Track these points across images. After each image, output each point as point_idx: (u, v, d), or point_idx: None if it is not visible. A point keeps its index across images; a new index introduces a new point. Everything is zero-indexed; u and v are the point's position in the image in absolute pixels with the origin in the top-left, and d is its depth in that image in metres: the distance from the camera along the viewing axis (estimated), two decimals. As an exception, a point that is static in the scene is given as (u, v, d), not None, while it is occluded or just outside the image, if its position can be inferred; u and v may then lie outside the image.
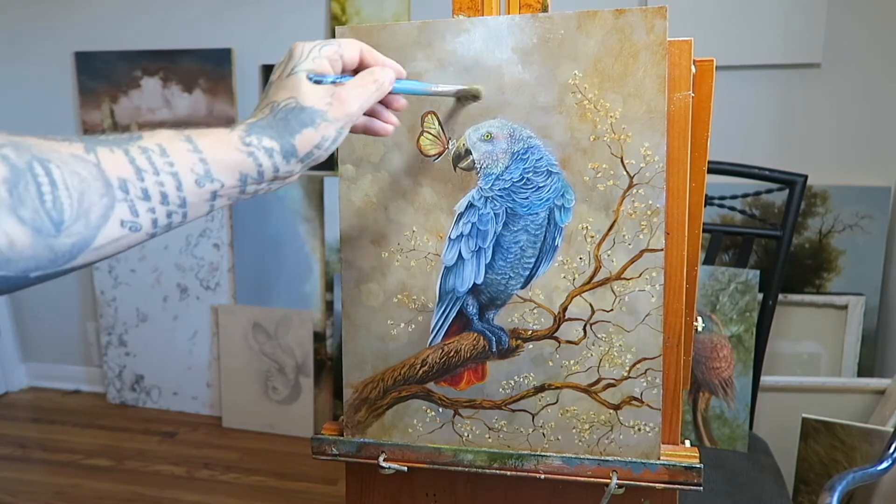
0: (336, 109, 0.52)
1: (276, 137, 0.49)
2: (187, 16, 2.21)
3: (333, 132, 0.52)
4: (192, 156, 0.44)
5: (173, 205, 0.44)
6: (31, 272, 0.38)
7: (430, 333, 0.74)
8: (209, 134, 0.46)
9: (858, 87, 1.77)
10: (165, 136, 0.44)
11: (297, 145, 0.50)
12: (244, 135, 0.48)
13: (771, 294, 1.38)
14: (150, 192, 0.42)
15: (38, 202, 0.37)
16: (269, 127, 0.49)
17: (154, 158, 0.43)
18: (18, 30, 2.38)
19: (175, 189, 0.43)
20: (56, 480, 2.02)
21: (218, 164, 0.46)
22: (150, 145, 0.43)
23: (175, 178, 0.43)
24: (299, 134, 0.50)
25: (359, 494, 0.82)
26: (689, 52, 0.66)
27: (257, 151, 0.48)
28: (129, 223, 0.41)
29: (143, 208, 0.42)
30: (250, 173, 0.48)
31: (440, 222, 0.72)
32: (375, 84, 0.56)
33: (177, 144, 0.44)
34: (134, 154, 0.42)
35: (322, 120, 0.51)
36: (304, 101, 0.51)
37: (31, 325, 2.66)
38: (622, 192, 0.67)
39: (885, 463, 1.06)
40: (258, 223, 2.24)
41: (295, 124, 0.50)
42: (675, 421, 0.73)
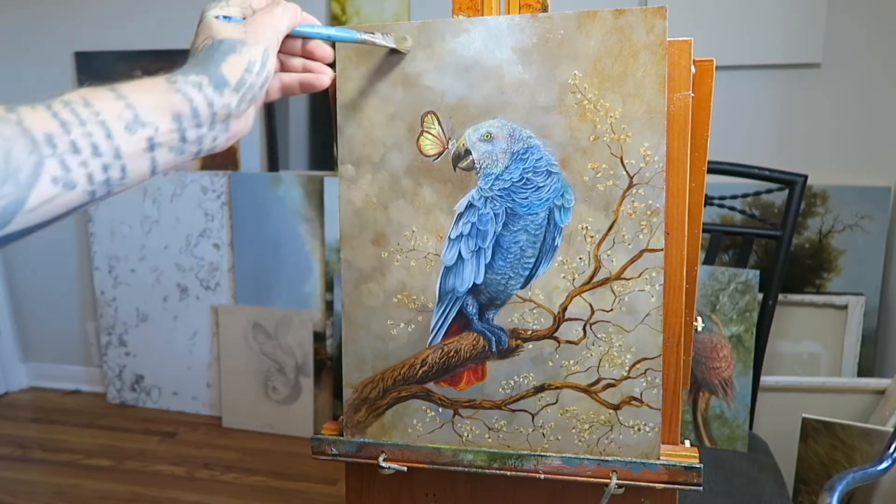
0: (252, 33, 0.52)
1: (201, 72, 0.48)
2: (187, 16, 2.21)
3: (259, 54, 0.52)
4: (118, 102, 0.43)
5: (107, 156, 0.42)
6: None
7: (429, 333, 0.74)
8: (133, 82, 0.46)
9: (858, 87, 1.77)
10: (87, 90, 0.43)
11: (226, 73, 0.49)
12: (170, 76, 0.47)
13: (771, 294, 1.38)
14: (79, 145, 0.41)
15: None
16: (193, 66, 0.49)
17: (78, 109, 0.41)
18: (18, 30, 2.38)
19: (105, 138, 0.42)
20: (56, 480, 2.02)
21: (146, 105, 0.44)
22: (72, 98, 0.42)
23: (103, 127, 0.42)
24: (224, 62, 0.50)
25: (359, 494, 0.82)
26: (688, 52, 0.66)
27: (185, 86, 0.47)
28: (61, 180, 0.40)
29: (74, 162, 0.40)
30: (183, 111, 0.46)
31: (440, 222, 0.72)
32: (280, 7, 0.55)
33: (100, 94, 0.43)
34: (56, 108, 0.41)
35: (242, 45, 0.51)
36: (217, 35, 0.51)
37: (31, 325, 2.66)
38: (622, 192, 0.67)
39: (885, 463, 1.06)
40: (258, 223, 2.24)
41: (217, 56, 0.50)
42: (675, 421, 0.73)
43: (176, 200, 2.32)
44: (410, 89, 0.71)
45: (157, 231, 2.35)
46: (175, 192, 2.31)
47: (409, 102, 0.71)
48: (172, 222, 2.34)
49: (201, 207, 2.30)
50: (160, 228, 2.35)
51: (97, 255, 2.42)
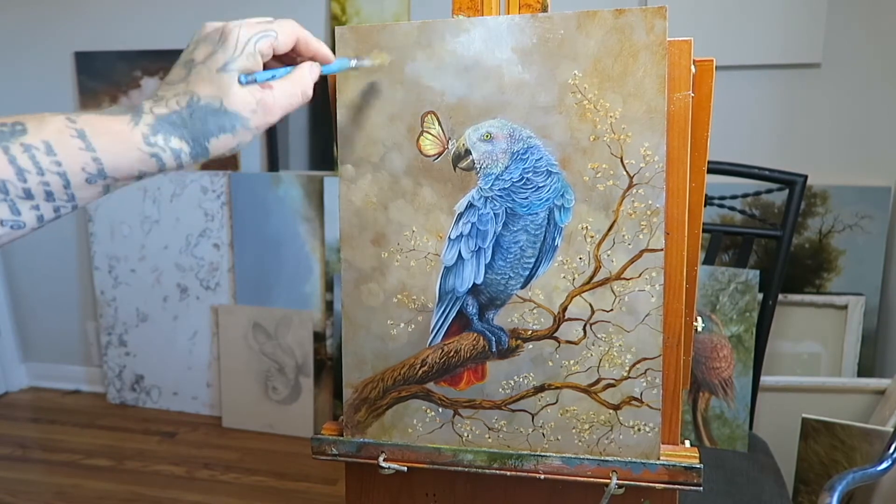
0: (259, 118, 0.50)
1: (187, 138, 0.46)
2: (187, 16, 2.21)
3: (249, 138, 0.51)
4: (84, 154, 0.42)
5: (60, 201, 0.42)
6: None
7: (429, 333, 0.74)
8: (107, 129, 0.43)
9: (858, 87, 1.77)
10: (53, 128, 0.41)
11: (211, 148, 0.48)
12: (149, 132, 0.44)
13: (771, 294, 1.38)
14: (34, 192, 0.40)
15: None
16: (182, 125, 0.46)
17: (38, 157, 0.40)
18: (18, 30, 2.38)
19: (62, 188, 0.41)
20: (56, 480, 2.02)
21: (114, 164, 0.43)
22: (34, 142, 0.40)
23: (62, 178, 0.41)
24: (216, 138, 0.48)
25: (359, 494, 0.82)
26: (688, 52, 0.66)
27: (162, 153, 0.45)
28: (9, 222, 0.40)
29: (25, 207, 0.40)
30: (149, 170, 0.45)
31: (440, 222, 0.72)
32: (303, 96, 0.55)
33: (66, 141, 0.41)
34: (14, 152, 0.40)
35: (243, 127, 0.49)
36: (228, 104, 0.48)
37: (31, 325, 2.66)
38: (622, 192, 0.67)
39: (885, 463, 1.06)
40: (258, 223, 2.24)
41: (213, 127, 0.48)
42: (675, 421, 0.73)
43: (176, 200, 2.32)
44: (410, 89, 0.71)
45: (157, 231, 2.35)
46: (175, 192, 2.31)
47: (409, 102, 0.71)
48: (172, 222, 2.34)
49: (201, 207, 2.30)
50: (160, 228, 2.35)
51: (97, 255, 2.42)
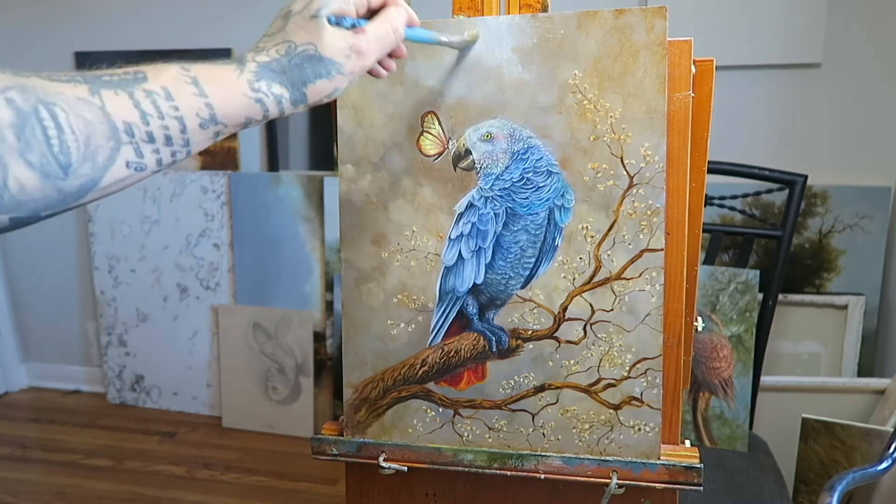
0: (353, 63, 0.52)
1: (287, 85, 0.49)
2: (187, 16, 2.21)
3: (346, 83, 0.52)
4: (198, 100, 0.44)
5: (177, 145, 0.44)
6: (41, 212, 0.39)
7: (430, 333, 0.74)
8: (216, 76, 0.46)
9: (858, 87, 1.77)
10: (171, 76, 0.44)
11: (309, 94, 0.50)
12: (254, 79, 0.47)
13: (771, 294, 1.38)
14: (155, 136, 0.42)
15: (46, 147, 0.38)
16: (282, 72, 0.49)
17: (159, 102, 0.43)
18: (18, 30, 2.38)
19: (179, 132, 0.44)
20: (56, 480, 2.02)
21: (224, 109, 0.46)
22: (154, 88, 0.43)
23: (180, 122, 0.43)
24: (312, 84, 0.50)
25: (359, 494, 0.82)
26: (689, 52, 0.66)
27: (266, 98, 0.48)
28: (134, 164, 0.42)
29: (147, 150, 0.42)
30: (255, 117, 0.48)
31: (440, 222, 0.72)
32: (394, 35, 0.55)
33: (182, 87, 0.44)
34: (139, 98, 0.42)
35: (338, 72, 0.51)
36: (323, 49, 0.50)
37: (31, 325, 2.66)
38: (622, 192, 0.67)
39: (885, 463, 1.06)
40: (258, 223, 2.24)
41: (310, 73, 0.50)
42: (675, 421, 0.73)
43: (176, 200, 2.32)
44: (410, 89, 0.71)
45: (157, 231, 2.35)
46: (175, 192, 2.31)
47: (409, 102, 0.71)
48: (172, 222, 2.33)
49: (201, 207, 2.30)
50: (160, 228, 2.35)
51: (97, 255, 2.42)
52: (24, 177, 0.37)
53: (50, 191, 0.38)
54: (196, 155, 2.28)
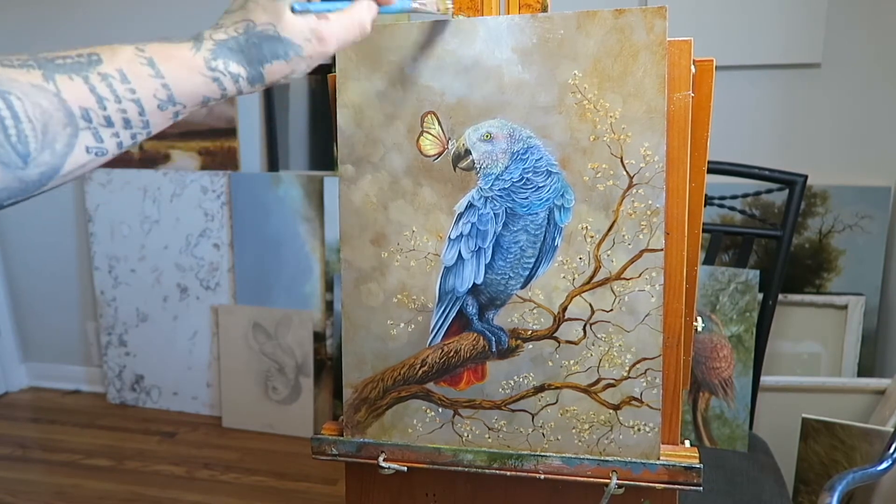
0: (312, 47, 0.51)
1: (244, 63, 0.48)
2: (187, 16, 2.21)
3: (304, 66, 0.52)
4: (155, 81, 0.44)
5: (136, 127, 0.44)
6: (3, 201, 0.39)
7: (429, 333, 0.74)
8: (172, 55, 0.45)
9: (858, 87, 1.77)
10: (125, 58, 0.44)
11: (266, 73, 0.49)
12: (210, 57, 0.47)
13: (771, 294, 1.38)
14: (113, 119, 0.42)
15: (3, 136, 0.38)
16: (240, 51, 0.48)
17: (115, 85, 0.42)
18: (18, 30, 2.38)
19: (138, 114, 0.44)
20: (56, 480, 2.02)
21: (181, 89, 0.45)
22: (110, 71, 0.42)
23: (137, 105, 0.43)
24: (269, 64, 0.49)
25: (359, 494, 0.82)
26: (688, 52, 0.66)
27: (223, 77, 0.47)
28: (94, 149, 0.42)
29: (107, 134, 0.42)
30: (213, 96, 0.47)
31: (440, 222, 0.72)
32: (360, 29, 0.55)
33: (138, 69, 0.44)
34: (94, 82, 0.42)
35: (296, 54, 0.50)
36: (282, 30, 0.50)
37: (31, 325, 2.66)
38: (622, 192, 0.67)
39: (885, 463, 1.06)
40: (258, 223, 2.24)
41: (267, 52, 0.49)
42: (675, 421, 0.73)
43: (176, 200, 2.32)
44: (410, 89, 0.71)
45: (157, 231, 2.35)
46: (175, 192, 2.31)
47: (409, 102, 0.71)
48: (172, 222, 2.33)
49: (201, 207, 2.30)
50: (160, 228, 2.35)
51: (97, 255, 2.42)
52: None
53: (10, 180, 0.38)
54: (196, 155, 2.29)
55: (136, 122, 0.43)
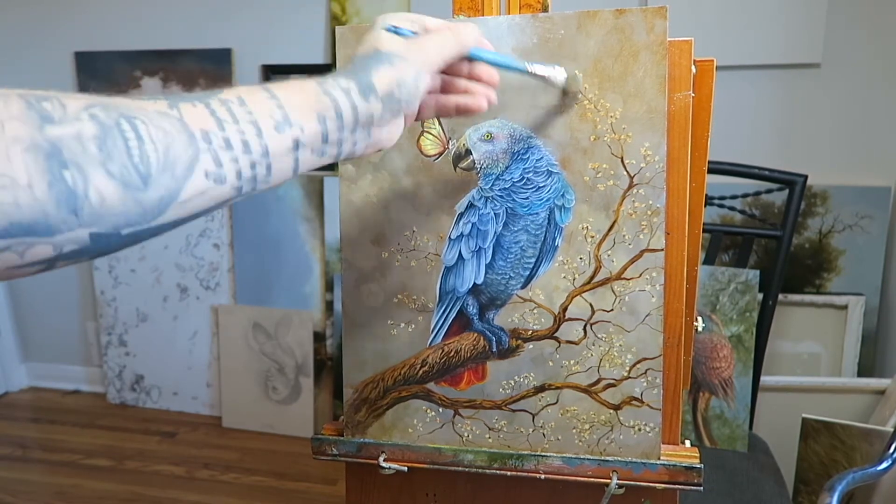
0: (413, 53, 0.52)
1: (351, 77, 0.50)
2: (187, 16, 2.21)
3: (412, 72, 0.52)
4: (270, 102, 0.45)
5: (256, 154, 0.44)
6: (122, 228, 0.38)
7: (430, 333, 0.74)
8: (287, 84, 0.47)
9: (858, 87, 1.77)
10: (244, 89, 0.45)
11: (375, 81, 0.50)
12: (322, 80, 0.49)
13: (771, 294, 1.38)
14: (232, 141, 0.43)
15: (126, 156, 0.37)
16: (347, 72, 0.50)
17: (234, 108, 0.43)
18: (18, 30, 2.38)
19: (255, 137, 0.44)
20: (56, 480, 2.02)
21: (294, 106, 0.46)
22: (229, 97, 0.44)
23: (255, 126, 0.44)
24: (375, 71, 0.50)
25: (359, 494, 0.82)
26: (689, 52, 0.66)
27: (333, 90, 0.48)
28: (213, 175, 0.42)
29: (226, 158, 0.42)
30: (328, 114, 0.48)
31: (440, 222, 0.72)
32: (455, 36, 0.55)
33: (255, 95, 0.45)
34: (214, 106, 0.43)
35: (399, 59, 0.52)
36: (381, 47, 0.52)
37: (31, 325, 2.66)
38: (622, 192, 0.67)
39: (885, 463, 1.06)
40: (258, 223, 2.24)
41: (371, 64, 0.51)
42: (675, 421, 0.73)
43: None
44: (411, 89, 0.70)
45: (157, 231, 2.35)
46: (175, 192, 2.31)
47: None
48: (172, 222, 2.33)
49: (201, 207, 2.30)
50: (160, 228, 2.35)
51: (97, 255, 2.42)
52: (104, 187, 0.36)
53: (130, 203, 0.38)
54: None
55: (254, 146, 0.44)
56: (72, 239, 0.36)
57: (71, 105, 0.37)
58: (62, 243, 0.36)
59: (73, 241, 0.36)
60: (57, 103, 0.36)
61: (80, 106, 0.37)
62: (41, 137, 0.35)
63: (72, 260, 0.38)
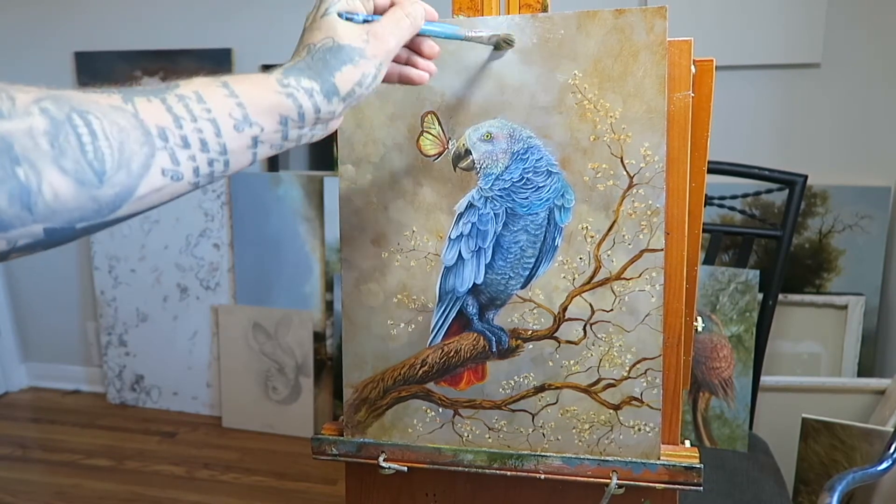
0: (373, 46, 0.52)
1: (314, 77, 0.49)
2: (187, 16, 2.21)
3: (373, 69, 0.52)
4: (229, 100, 0.44)
5: (213, 152, 0.43)
6: (76, 223, 0.38)
7: (430, 333, 0.74)
8: (246, 79, 0.46)
9: (858, 87, 1.77)
10: (201, 82, 0.44)
11: (338, 83, 0.50)
12: (282, 77, 0.48)
13: (771, 294, 1.38)
14: (190, 140, 0.42)
15: (80, 153, 0.37)
16: (308, 68, 0.49)
17: (191, 105, 0.42)
18: (18, 30, 2.38)
19: (214, 135, 0.43)
20: (56, 480, 2.02)
21: (256, 107, 0.45)
22: (186, 93, 0.43)
23: (213, 125, 0.43)
24: (339, 71, 0.50)
25: (359, 494, 0.82)
26: (689, 52, 0.66)
27: (296, 92, 0.47)
28: (170, 172, 0.41)
29: (183, 156, 0.42)
30: (290, 115, 0.47)
31: (440, 222, 0.72)
32: (409, 19, 0.55)
33: (213, 90, 0.44)
34: (171, 102, 0.42)
35: (360, 57, 0.51)
36: (340, 39, 0.51)
37: (31, 325, 2.66)
38: (622, 192, 0.67)
39: (885, 463, 1.06)
40: (258, 223, 2.24)
41: (333, 62, 0.50)
42: (675, 421, 0.73)
43: (176, 200, 2.31)
44: (411, 89, 0.71)
45: (157, 231, 2.35)
46: (175, 192, 2.31)
47: (409, 102, 0.71)
48: (172, 222, 2.33)
49: (201, 207, 2.30)
50: (160, 228, 2.35)
51: (97, 255, 2.42)
52: (57, 184, 0.36)
53: (85, 199, 0.38)
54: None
55: (212, 145, 0.43)
56: (25, 234, 0.36)
57: (20, 98, 0.36)
58: (16, 238, 0.36)
59: (27, 235, 0.36)
60: (5, 96, 0.36)
61: (29, 99, 0.36)
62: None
63: (25, 252, 0.37)
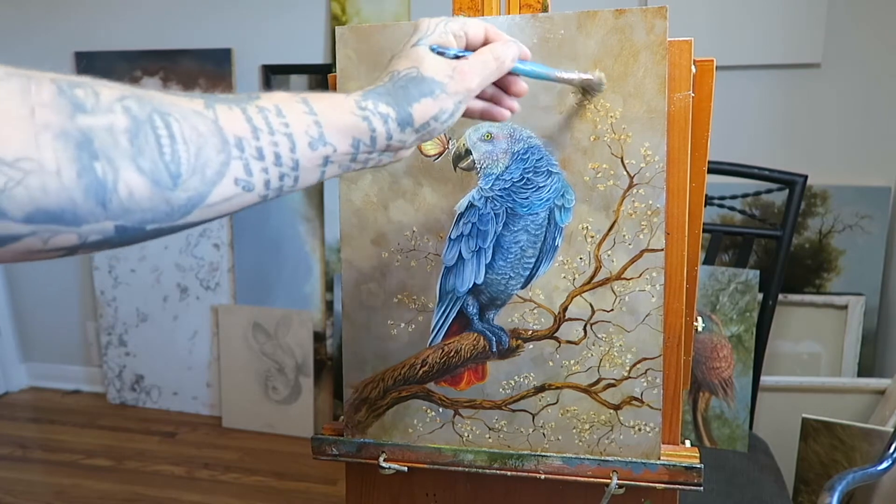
0: (456, 83, 0.52)
1: (392, 104, 0.49)
2: (187, 16, 2.21)
3: (452, 105, 0.52)
4: (308, 117, 0.44)
5: (286, 167, 0.43)
6: (147, 224, 0.38)
7: (430, 333, 0.74)
8: (325, 98, 0.46)
9: (858, 87, 1.77)
10: (282, 97, 0.44)
11: (414, 114, 0.50)
12: (360, 100, 0.48)
13: (771, 294, 1.38)
14: (265, 152, 0.42)
15: (157, 154, 0.37)
16: (387, 94, 0.49)
17: (270, 118, 0.43)
18: (18, 29, 2.38)
19: (289, 150, 0.43)
20: (56, 480, 2.02)
21: (332, 126, 0.45)
22: (266, 105, 0.43)
23: (289, 140, 0.43)
24: (417, 103, 0.50)
25: (359, 494, 0.82)
26: (689, 52, 0.66)
27: (372, 116, 0.48)
28: (242, 182, 0.41)
29: (256, 168, 0.42)
30: (363, 138, 0.47)
31: (440, 222, 0.72)
32: (496, 61, 0.55)
33: (293, 106, 0.44)
34: (251, 113, 0.42)
35: (441, 91, 0.51)
36: (424, 71, 0.51)
37: (31, 325, 2.66)
38: (622, 192, 0.67)
39: (885, 463, 1.06)
40: (258, 223, 2.24)
41: (414, 92, 0.50)
42: (675, 421, 0.73)
43: (176, 200, 2.32)
44: (411, 89, 0.70)
45: (157, 231, 2.35)
46: (175, 192, 2.31)
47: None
48: (172, 222, 2.33)
49: (201, 207, 2.30)
50: (160, 228, 2.35)
51: (97, 255, 2.42)
52: (133, 182, 0.36)
53: (158, 201, 0.38)
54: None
55: (286, 160, 0.43)
56: (97, 230, 0.36)
57: (104, 94, 0.36)
58: (87, 233, 0.36)
59: (98, 231, 0.36)
60: (90, 91, 0.36)
61: (113, 96, 0.36)
62: (72, 126, 0.34)
63: (93, 249, 0.37)
